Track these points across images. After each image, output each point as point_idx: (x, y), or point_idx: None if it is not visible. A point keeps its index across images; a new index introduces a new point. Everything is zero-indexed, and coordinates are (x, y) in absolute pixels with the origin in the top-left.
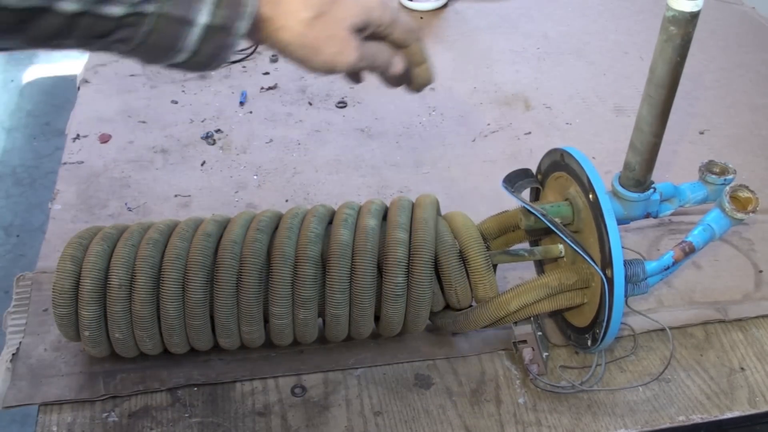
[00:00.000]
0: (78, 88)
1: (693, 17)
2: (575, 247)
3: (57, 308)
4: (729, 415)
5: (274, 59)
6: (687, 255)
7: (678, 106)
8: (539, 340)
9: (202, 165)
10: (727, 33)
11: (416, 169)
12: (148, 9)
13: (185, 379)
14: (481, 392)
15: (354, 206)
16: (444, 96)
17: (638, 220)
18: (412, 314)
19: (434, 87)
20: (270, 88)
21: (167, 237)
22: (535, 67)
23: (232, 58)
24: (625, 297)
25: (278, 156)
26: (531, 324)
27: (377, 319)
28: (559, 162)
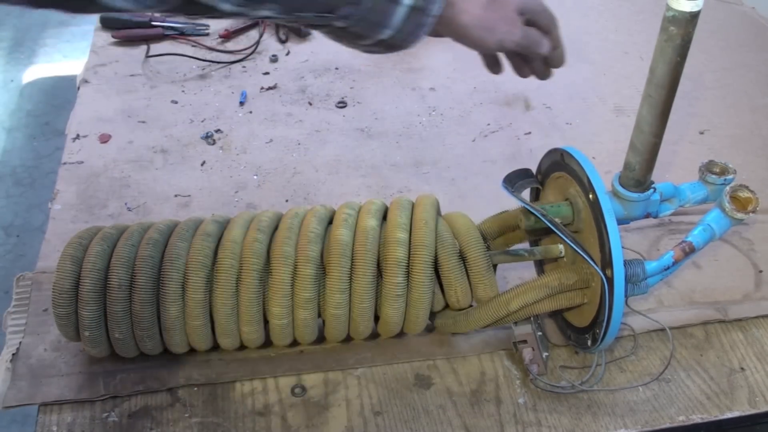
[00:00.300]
0: (78, 88)
1: (693, 17)
2: (575, 247)
3: (57, 308)
4: (729, 415)
5: (274, 59)
6: (687, 255)
7: (678, 106)
8: (539, 340)
9: (202, 165)
10: (727, 33)
11: (416, 169)
12: None
13: (185, 379)
14: (481, 392)
15: (354, 206)
16: (444, 96)
17: (638, 220)
18: (412, 314)
19: (434, 87)
20: (270, 88)
21: (167, 237)
22: None
23: (412, 41)
24: (625, 297)
25: (278, 156)
26: (531, 324)
27: (377, 319)
28: (559, 162)
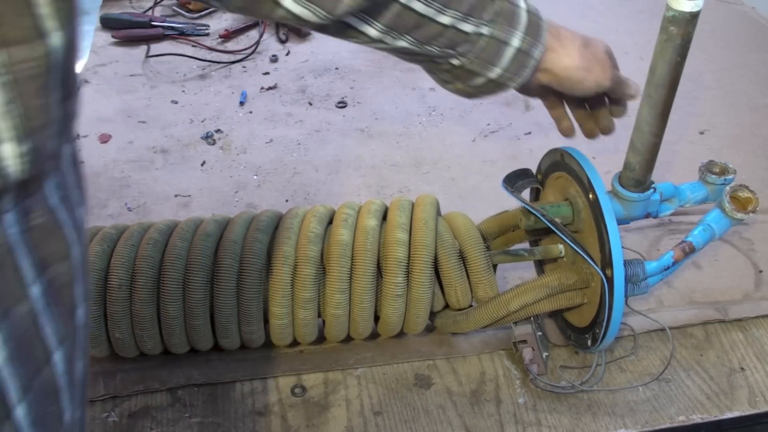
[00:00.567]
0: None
1: (693, 17)
2: (575, 247)
3: None
4: (729, 415)
5: (274, 59)
6: (687, 255)
7: (678, 106)
8: (539, 340)
9: (202, 165)
10: (727, 33)
11: (416, 169)
12: (485, 31)
13: (185, 379)
14: (481, 392)
15: (354, 206)
16: (444, 96)
17: (638, 220)
18: (412, 314)
19: (434, 87)
20: (270, 88)
21: (167, 237)
22: None
23: (506, 85)
24: (625, 297)
25: (278, 156)
26: (531, 324)
27: (377, 319)
28: (559, 162)
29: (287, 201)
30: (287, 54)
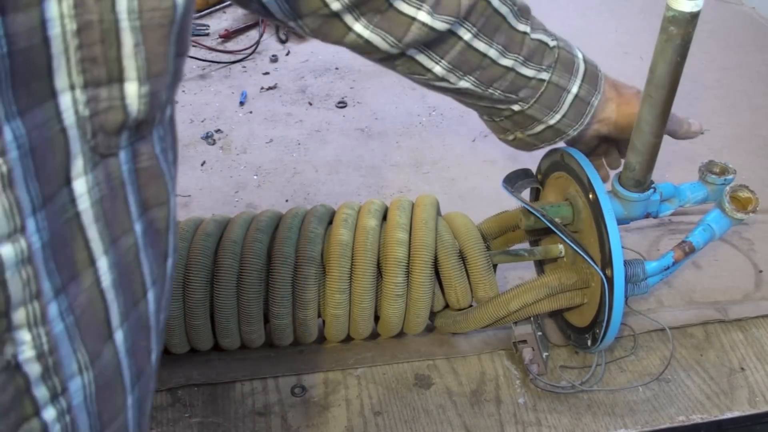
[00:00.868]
0: None
1: (693, 17)
2: (575, 247)
3: None
4: (729, 415)
5: (274, 59)
6: (687, 255)
7: (678, 106)
8: (539, 340)
9: (202, 165)
10: (727, 33)
11: (416, 169)
12: (545, 76)
13: (185, 379)
14: (481, 392)
15: (354, 206)
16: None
17: (638, 220)
18: (412, 314)
19: None
20: (270, 88)
21: None
22: None
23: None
24: (625, 297)
25: (278, 156)
26: (531, 324)
27: (377, 319)
28: (559, 162)
29: (287, 201)
30: (287, 54)
